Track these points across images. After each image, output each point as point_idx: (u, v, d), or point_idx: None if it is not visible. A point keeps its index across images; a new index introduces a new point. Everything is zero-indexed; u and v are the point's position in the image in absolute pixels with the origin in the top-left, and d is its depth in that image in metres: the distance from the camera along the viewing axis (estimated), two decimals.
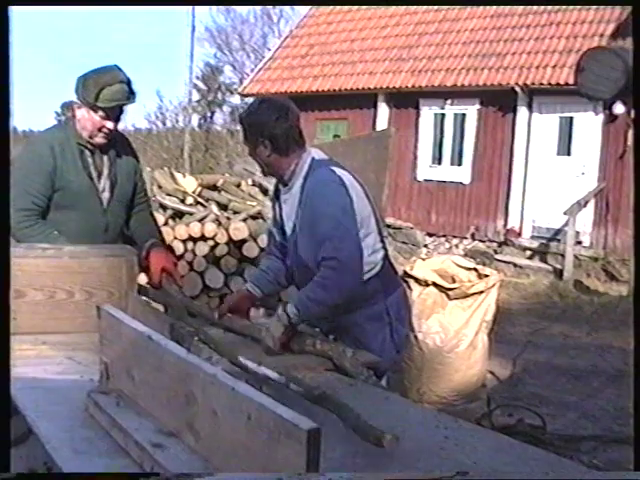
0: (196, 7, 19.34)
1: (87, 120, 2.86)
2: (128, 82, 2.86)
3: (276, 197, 2.62)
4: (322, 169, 2.41)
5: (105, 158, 2.98)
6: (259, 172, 2.89)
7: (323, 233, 2.34)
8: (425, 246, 11.45)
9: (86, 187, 2.92)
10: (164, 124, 18.78)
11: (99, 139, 2.91)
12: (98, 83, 2.78)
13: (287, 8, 24.86)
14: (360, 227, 2.37)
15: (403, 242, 11.27)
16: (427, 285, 3.99)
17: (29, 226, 2.82)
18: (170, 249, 3.05)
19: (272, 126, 2.38)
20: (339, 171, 2.39)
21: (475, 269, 4.22)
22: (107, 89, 2.78)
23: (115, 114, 2.88)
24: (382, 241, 2.53)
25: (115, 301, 2.37)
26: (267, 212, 5.44)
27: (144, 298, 2.94)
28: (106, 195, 2.99)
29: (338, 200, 2.35)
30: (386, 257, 2.54)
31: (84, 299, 2.43)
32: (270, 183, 5.58)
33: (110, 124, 2.88)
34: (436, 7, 12.35)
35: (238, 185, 6.49)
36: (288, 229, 2.52)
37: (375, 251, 2.47)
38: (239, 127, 2.59)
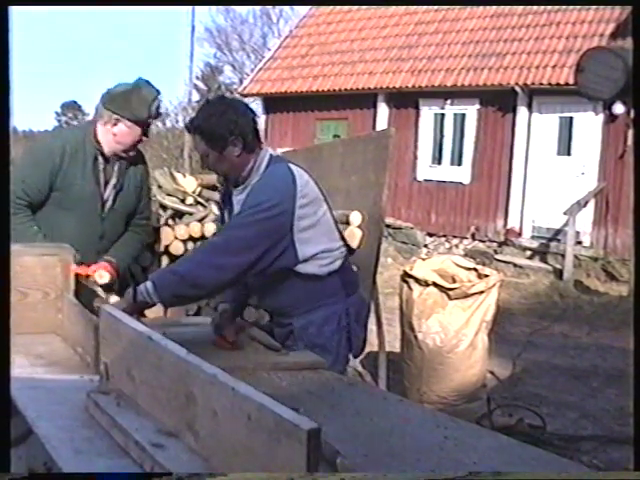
0: (196, 7, 19.34)
1: (128, 135, 2.83)
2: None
3: (223, 202, 2.52)
4: (281, 164, 2.34)
5: (116, 167, 2.96)
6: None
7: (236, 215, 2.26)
8: (425, 246, 11.45)
9: (89, 193, 2.90)
10: (164, 124, 18.75)
11: (133, 152, 2.90)
12: (144, 98, 2.77)
13: (287, 8, 24.86)
14: (312, 224, 2.32)
15: (403, 242, 11.27)
16: (427, 285, 3.99)
17: (12, 213, 2.73)
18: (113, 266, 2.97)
19: (242, 123, 2.29)
20: (295, 169, 2.32)
21: (475, 269, 4.22)
22: (155, 102, 2.80)
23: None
24: (343, 239, 2.49)
25: (51, 302, 2.30)
26: None
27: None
28: (109, 204, 2.98)
29: (277, 193, 2.24)
30: (347, 258, 2.50)
31: (18, 299, 2.31)
32: None
33: (145, 137, 2.88)
34: (436, 7, 12.35)
35: None
36: None
37: (333, 249, 2.41)
38: (195, 136, 2.33)
